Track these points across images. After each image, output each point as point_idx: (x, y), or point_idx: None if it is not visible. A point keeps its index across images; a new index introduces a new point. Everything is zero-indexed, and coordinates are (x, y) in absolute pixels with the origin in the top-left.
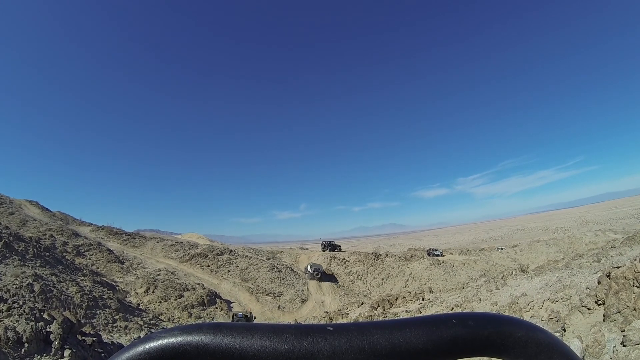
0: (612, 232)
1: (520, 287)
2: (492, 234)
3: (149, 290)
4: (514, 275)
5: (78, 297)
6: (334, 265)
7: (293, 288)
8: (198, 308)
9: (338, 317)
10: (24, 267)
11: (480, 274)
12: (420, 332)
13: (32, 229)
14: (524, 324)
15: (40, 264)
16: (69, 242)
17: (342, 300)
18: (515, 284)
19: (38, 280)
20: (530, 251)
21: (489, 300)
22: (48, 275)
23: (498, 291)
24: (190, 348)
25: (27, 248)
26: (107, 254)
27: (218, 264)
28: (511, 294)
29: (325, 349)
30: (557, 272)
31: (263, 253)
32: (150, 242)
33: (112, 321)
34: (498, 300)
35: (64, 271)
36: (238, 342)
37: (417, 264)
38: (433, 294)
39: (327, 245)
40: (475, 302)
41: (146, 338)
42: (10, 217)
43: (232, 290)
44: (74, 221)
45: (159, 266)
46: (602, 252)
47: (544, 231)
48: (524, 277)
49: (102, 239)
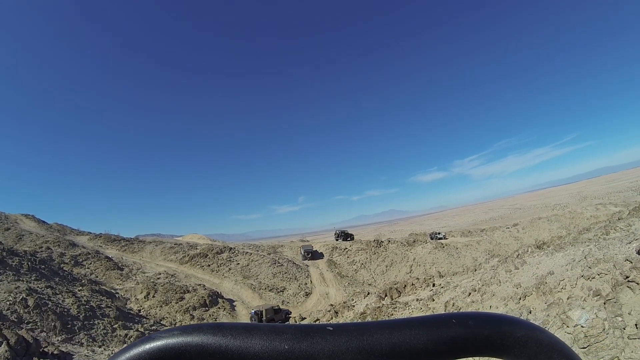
0: (612, 206)
1: (542, 265)
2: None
3: (149, 295)
4: (529, 253)
5: (75, 308)
6: (336, 255)
7: (296, 282)
8: (200, 310)
9: (344, 310)
10: (17, 282)
11: (486, 254)
12: (420, 332)
13: (28, 242)
14: (524, 324)
15: (35, 277)
16: (66, 252)
17: (347, 291)
18: (535, 261)
19: (32, 295)
20: (532, 229)
21: (510, 281)
22: (43, 289)
23: (518, 271)
24: (190, 348)
25: (22, 262)
26: (106, 261)
27: (218, 262)
28: (534, 274)
29: (326, 349)
30: (580, 246)
31: (264, 248)
32: (149, 246)
33: (111, 330)
34: (521, 281)
35: (61, 283)
36: (238, 343)
37: (420, 248)
38: (443, 278)
39: (341, 235)
40: (495, 285)
41: (146, 338)
42: (6, 232)
43: (234, 288)
44: (72, 231)
45: (159, 270)
46: (609, 225)
47: (543, 208)
48: (542, 253)
49: (100, 247)
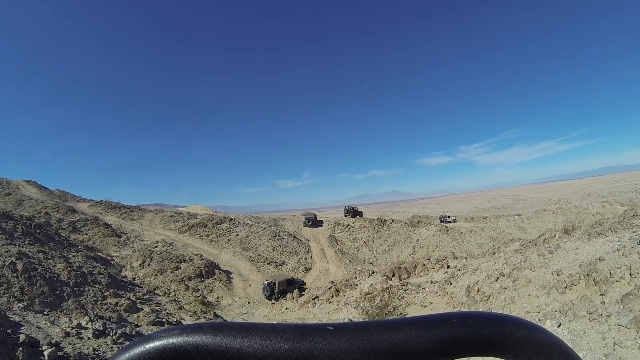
0: (618, 205)
1: (582, 250)
2: (494, 202)
3: (144, 263)
4: (557, 238)
5: (65, 274)
6: (338, 231)
7: (296, 256)
8: (195, 280)
9: (345, 289)
10: (9, 246)
11: (490, 241)
12: (421, 332)
13: (28, 208)
14: (524, 324)
15: (29, 242)
16: (65, 218)
17: (347, 269)
18: (571, 247)
19: (22, 259)
20: (537, 220)
21: (545, 267)
22: (35, 253)
23: (552, 256)
24: (190, 348)
25: (16, 226)
26: (104, 228)
27: (218, 233)
28: (574, 260)
29: (326, 349)
30: (624, 232)
31: (265, 221)
32: (149, 214)
33: (101, 298)
34: (562, 267)
35: (55, 248)
36: (238, 342)
37: (424, 230)
38: (458, 260)
39: (350, 211)
40: (528, 270)
41: (146, 338)
42: (6, 198)
43: (232, 260)
44: (73, 198)
45: (157, 238)
46: (624, 221)
47: (546, 202)
48: (573, 239)
49: (99, 214)
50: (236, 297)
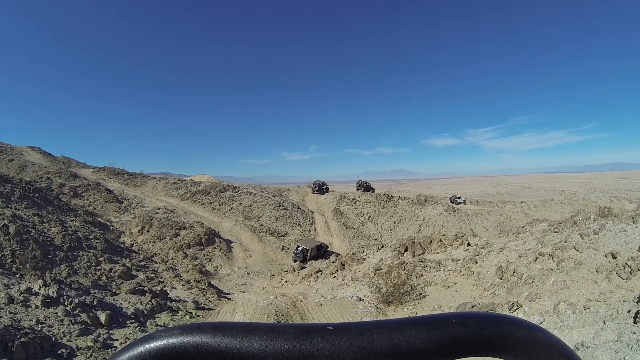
0: (626, 201)
1: (631, 233)
2: (500, 188)
3: (143, 229)
4: (591, 220)
5: (60, 238)
6: (343, 204)
7: (299, 228)
8: (194, 248)
9: (352, 263)
10: (4, 209)
11: (496, 225)
12: (421, 332)
13: (30, 173)
14: (524, 324)
15: (25, 205)
16: (67, 183)
17: (352, 243)
18: (618, 228)
19: (15, 221)
20: (544, 208)
21: (594, 248)
22: (30, 216)
23: (598, 237)
24: (190, 348)
25: (14, 189)
26: (106, 193)
27: (220, 201)
28: (626, 242)
29: (326, 349)
30: None
31: (269, 191)
32: (152, 181)
33: (95, 263)
34: (614, 250)
35: (52, 212)
36: (238, 342)
37: (431, 208)
38: (477, 238)
39: (362, 185)
40: (573, 250)
41: (146, 338)
42: (10, 163)
43: (233, 229)
44: (77, 164)
45: (159, 204)
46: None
47: (551, 192)
48: (618, 221)
49: (102, 180)
50: (235, 267)
